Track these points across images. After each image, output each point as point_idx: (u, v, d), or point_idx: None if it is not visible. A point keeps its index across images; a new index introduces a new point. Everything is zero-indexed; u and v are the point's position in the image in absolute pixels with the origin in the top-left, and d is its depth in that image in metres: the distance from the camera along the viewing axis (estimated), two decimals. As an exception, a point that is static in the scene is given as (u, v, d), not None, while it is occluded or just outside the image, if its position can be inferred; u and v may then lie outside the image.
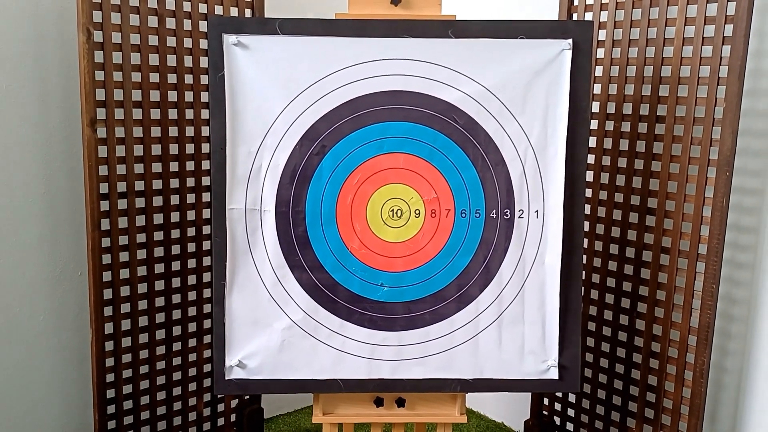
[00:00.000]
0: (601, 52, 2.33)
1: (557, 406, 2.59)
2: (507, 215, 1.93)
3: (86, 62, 2.06)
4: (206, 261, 2.41)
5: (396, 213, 1.93)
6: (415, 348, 1.96)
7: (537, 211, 1.94)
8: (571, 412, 2.55)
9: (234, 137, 1.88)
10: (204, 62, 2.29)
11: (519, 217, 1.94)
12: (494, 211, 1.93)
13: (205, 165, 2.34)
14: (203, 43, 2.30)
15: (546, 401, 2.61)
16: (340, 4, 1.96)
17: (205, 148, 2.33)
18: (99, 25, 2.09)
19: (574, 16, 2.38)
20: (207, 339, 2.44)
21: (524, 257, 1.95)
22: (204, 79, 2.30)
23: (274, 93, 1.87)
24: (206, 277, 2.42)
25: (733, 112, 2.00)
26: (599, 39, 2.32)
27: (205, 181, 2.35)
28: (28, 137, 2.23)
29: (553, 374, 1.98)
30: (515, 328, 1.96)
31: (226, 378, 1.95)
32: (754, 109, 2.13)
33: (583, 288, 2.41)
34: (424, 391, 1.98)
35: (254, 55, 1.86)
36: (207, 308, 2.42)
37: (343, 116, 1.88)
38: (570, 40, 1.88)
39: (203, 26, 2.27)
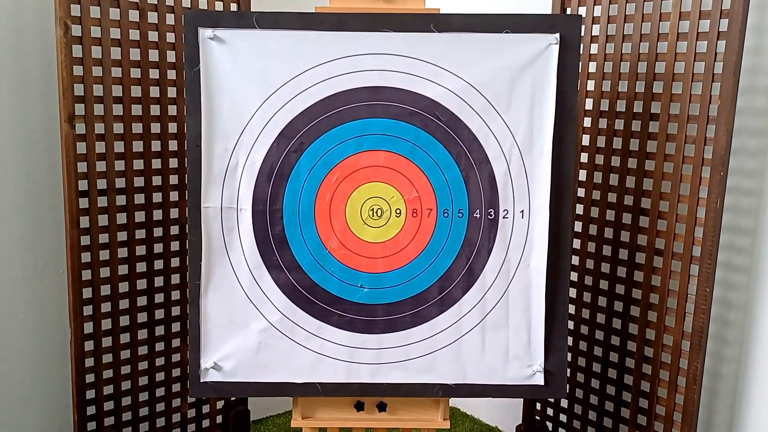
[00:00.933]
0: (594, 48, 2.26)
1: (549, 411, 2.53)
2: (491, 215, 1.87)
3: (64, 57, 2.02)
4: (190, 260, 2.36)
5: (376, 212, 1.87)
6: (396, 351, 1.90)
7: (522, 211, 1.88)
8: (563, 418, 2.48)
9: (210, 134, 1.84)
10: (187, 57, 2.24)
11: (503, 218, 1.88)
12: (478, 211, 1.87)
13: (189, 162, 2.30)
14: (187, 38, 2.25)
15: (538, 406, 2.55)
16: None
17: (189, 144, 2.29)
18: (78, 18, 2.05)
19: (568, 11, 2.31)
20: (191, 339, 2.40)
21: (509, 259, 1.89)
22: (188, 75, 2.26)
23: (250, 89, 1.82)
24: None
25: (728, 110, 1.93)
26: (593, 34, 2.26)
27: (189, 178, 2.31)
28: (8, 133, 2.20)
29: (539, 380, 1.92)
30: (499, 332, 1.90)
31: (202, 380, 1.90)
32: (752, 107, 2.06)
33: (575, 290, 2.36)
34: (404, 396, 1.93)
35: (231, 50, 1.82)
36: (191, 308, 2.38)
37: (322, 113, 1.82)
38: (557, 35, 1.81)
39: (187, 20, 2.23)
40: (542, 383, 1.92)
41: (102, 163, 2.16)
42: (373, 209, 1.87)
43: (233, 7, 2.35)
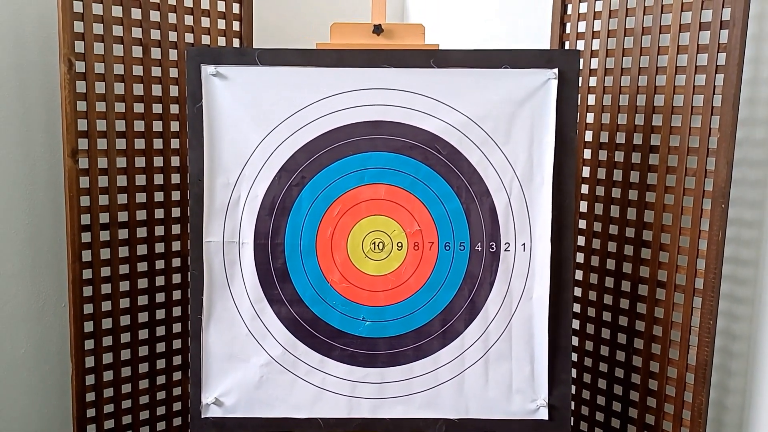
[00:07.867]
0: (593, 81, 2.28)
1: (554, 445, 2.50)
2: (492, 248, 1.87)
3: (67, 92, 2.04)
4: (191, 293, 2.36)
5: (378, 245, 1.87)
6: (398, 386, 1.89)
7: (524, 244, 1.88)
8: (567, 451, 2.46)
9: (212, 168, 1.85)
10: (190, 92, 2.26)
11: (505, 250, 1.88)
12: (479, 243, 1.87)
13: (191, 195, 2.31)
14: (190, 73, 2.27)
15: (542, 439, 2.52)
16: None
17: (191, 178, 2.30)
18: (81, 55, 2.07)
19: (566, 45, 2.34)
20: (192, 373, 2.39)
21: (511, 292, 1.89)
22: (190, 109, 2.28)
23: (252, 124, 1.84)
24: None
25: (727, 142, 1.93)
26: (591, 68, 2.28)
27: (191, 211, 2.31)
28: (11, 167, 2.21)
29: (543, 414, 1.90)
30: (502, 366, 1.89)
31: (203, 416, 1.89)
32: (751, 138, 2.07)
33: (577, 322, 2.35)
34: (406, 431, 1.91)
35: (233, 86, 1.84)
36: (192, 341, 2.37)
37: (323, 147, 1.84)
38: (555, 70, 1.83)
39: (190, 56, 2.25)
40: (546, 418, 1.90)
41: (105, 197, 2.17)
42: (374, 242, 1.87)
43: (236, 42, 2.38)
